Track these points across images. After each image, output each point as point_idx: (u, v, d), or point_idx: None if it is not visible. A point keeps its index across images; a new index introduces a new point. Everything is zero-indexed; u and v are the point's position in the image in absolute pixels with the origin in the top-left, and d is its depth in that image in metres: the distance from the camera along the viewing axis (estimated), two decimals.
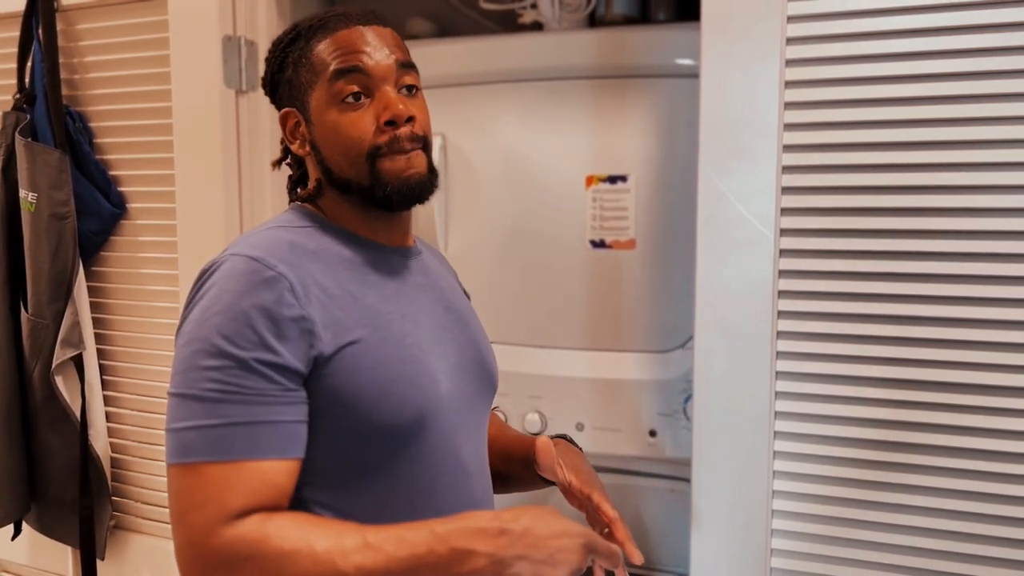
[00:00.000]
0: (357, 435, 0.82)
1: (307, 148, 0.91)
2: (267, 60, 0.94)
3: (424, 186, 0.89)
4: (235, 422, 0.74)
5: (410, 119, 0.87)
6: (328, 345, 0.79)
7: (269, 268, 0.79)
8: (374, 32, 0.89)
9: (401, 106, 0.86)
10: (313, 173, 0.93)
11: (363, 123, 0.86)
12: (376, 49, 0.87)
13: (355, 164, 0.87)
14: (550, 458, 0.98)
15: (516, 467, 1.05)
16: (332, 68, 0.86)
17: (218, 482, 0.73)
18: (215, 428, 0.74)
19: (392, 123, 0.85)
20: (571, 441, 1.07)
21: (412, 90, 0.90)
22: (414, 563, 0.72)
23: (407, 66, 0.89)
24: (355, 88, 0.86)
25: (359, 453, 0.83)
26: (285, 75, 0.91)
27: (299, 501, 0.81)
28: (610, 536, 0.93)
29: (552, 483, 1.04)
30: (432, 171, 0.90)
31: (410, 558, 0.72)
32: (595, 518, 0.97)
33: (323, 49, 0.87)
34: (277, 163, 1.01)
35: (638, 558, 0.88)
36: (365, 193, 0.88)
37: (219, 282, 0.79)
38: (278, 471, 0.76)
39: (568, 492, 0.99)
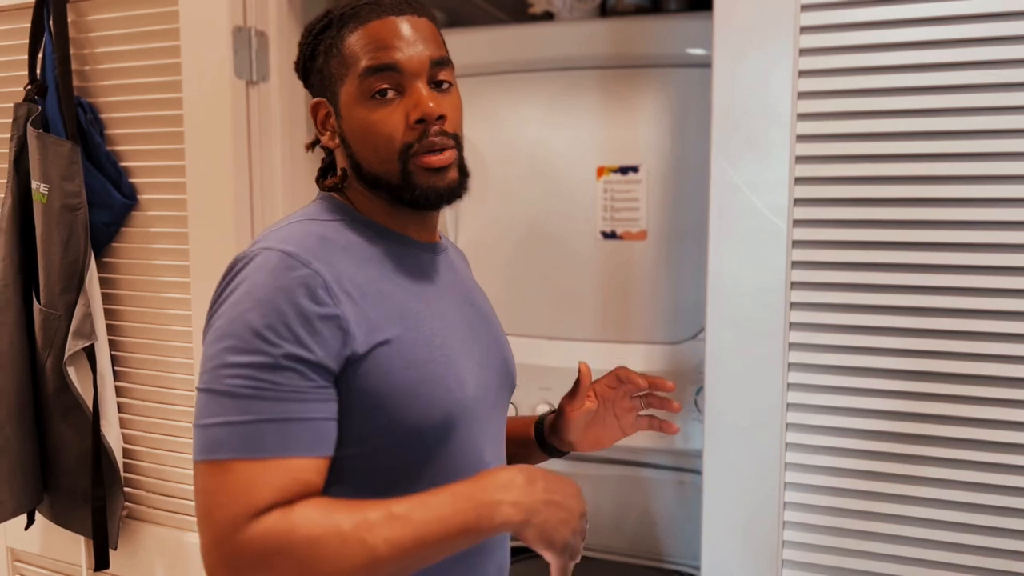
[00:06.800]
0: (385, 437, 0.81)
1: (336, 141, 0.89)
2: (300, 45, 0.93)
3: (454, 191, 0.87)
4: (266, 418, 0.73)
5: (440, 117, 0.84)
6: (362, 344, 0.78)
7: (303, 264, 0.77)
8: (408, 23, 0.86)
9: (432, 104, 0.83)
10: (341, 163, 0.91)
11: (393, 120, 0.84)
12: (409, 43, 0.85)
13: (386, 162, 0.85)
14: (589, 378, 1.02)
15: (513, 447, 1.04)
16: (363, 64, 0.84)
17: (246, 479, 0.71)
18: (246, 424, 0.73)
19: (422, 121, 0.84)
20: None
21: (445, 86, 0.87)
22: (442, 526, 0.72)
23: (440, 62, 0.87)
24: (385, 85, 0.84)
25: (385, 455, 0.81)
26: (316, 64, 0.90)
27: None
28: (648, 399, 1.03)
29: (551, 455, 1.05)
30: (464, 173, 0.88)
31: (438, 521, 0.72)
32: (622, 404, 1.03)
33: (354, 41, 0.85)
34: (311, 146, 0.99)
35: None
36: (394, 191, 0.86)
37: (251, 276, 0.77)
38: (308, 468, 0.74)
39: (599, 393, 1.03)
